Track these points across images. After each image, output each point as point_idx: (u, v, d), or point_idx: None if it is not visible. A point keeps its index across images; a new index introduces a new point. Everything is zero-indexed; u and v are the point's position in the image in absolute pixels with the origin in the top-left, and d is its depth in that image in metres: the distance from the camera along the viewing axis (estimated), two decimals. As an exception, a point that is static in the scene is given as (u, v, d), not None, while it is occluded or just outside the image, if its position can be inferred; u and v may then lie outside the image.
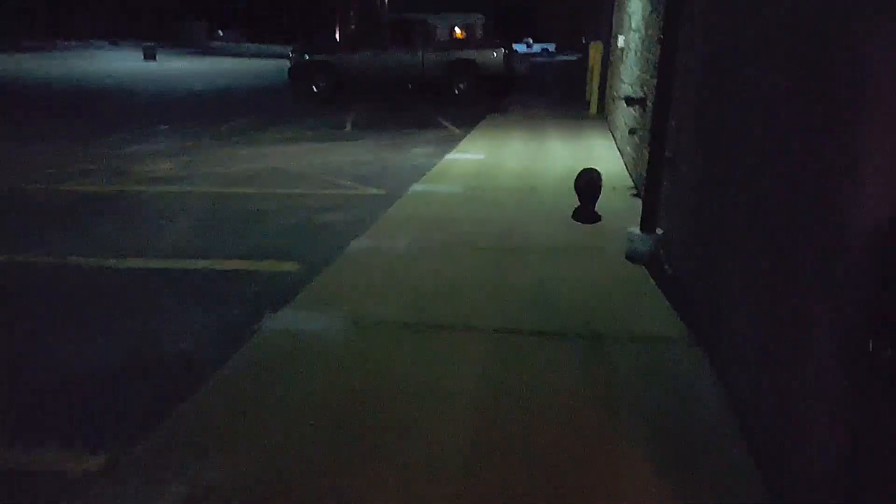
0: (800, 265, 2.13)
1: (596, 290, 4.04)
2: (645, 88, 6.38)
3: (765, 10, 2.70)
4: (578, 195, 5.78)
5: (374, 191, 7.01)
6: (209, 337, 3.57)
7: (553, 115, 13.52)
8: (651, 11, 6.46)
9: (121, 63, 30.90)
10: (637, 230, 4.58)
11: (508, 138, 10.24)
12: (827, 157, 1.97)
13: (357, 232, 5.33)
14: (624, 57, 9.08)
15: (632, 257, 4.54)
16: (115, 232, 5.48)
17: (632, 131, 6.84)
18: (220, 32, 69.49)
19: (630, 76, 7.97)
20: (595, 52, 13.23)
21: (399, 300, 3.83)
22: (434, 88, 17.50)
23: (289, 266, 4.64)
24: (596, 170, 5.86)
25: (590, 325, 3.53)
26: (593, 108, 13.09)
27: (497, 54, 17.64)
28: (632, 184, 6.86)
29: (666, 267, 4.40)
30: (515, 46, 24.74)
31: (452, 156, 8.70)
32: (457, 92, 17.39)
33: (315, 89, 17.48)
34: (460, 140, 10.11)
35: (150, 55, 32.84)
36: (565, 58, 51.30)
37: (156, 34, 48.87)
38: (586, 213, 5.69)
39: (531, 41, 62.93)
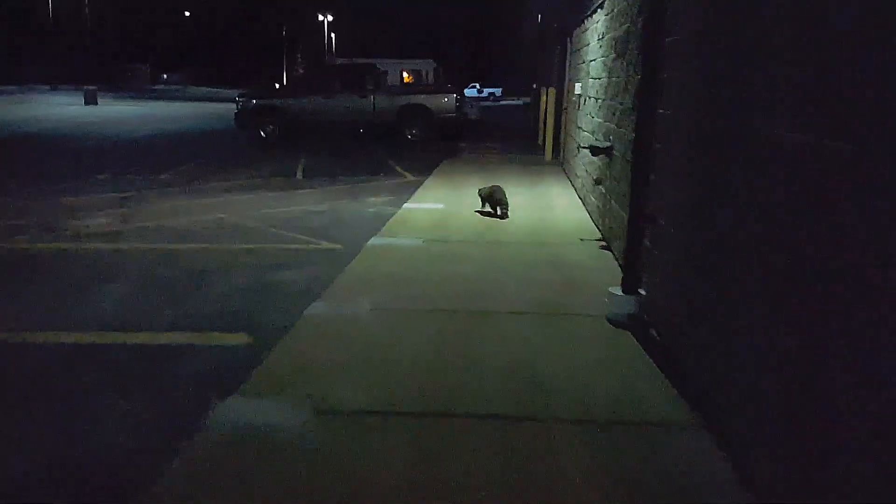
0: (830, 343, 1.81)
1: (579, 362, 3.69)
2: (611, 138, 6.16)
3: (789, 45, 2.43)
4: (487, 203, 7.81)
5: (330, 245, 6.59)
6: (145, 434, 3.07)
7: (508, 160, 13.35)
8: (615, 58, 6.28)
9: (60, 108, 29.91)
10: (618, 290, 4.26)
11: (466, 185, 9.95)
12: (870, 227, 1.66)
13: (313, 293, 4.89)
14: (582, 104, 8.93)
15: (614, 320, 4.22)
16: (41, 299, 4.91)
17: (598, 181, 6.60)
18: (164, 76, 68.56)
19: (591, 124, 7.79)
20: (548, 98, 13.16)
21: (364, 382, 3.40)
22: (386, 133, 17.25)
23: (239, 338, 4.16)
24: (500, 187, 7.83)
25: (578, 407, 3.16)
26: (548, 155, 12.97)
27: (449, 99, 17.56)
28: (599, 235, 6.59)
29: (652, 332, 4.08)
30: (466, 91, 24.83)
31: (410, 205, 8.36)
32: (409, 137, 17.19)
33: (263, 135, 17.05)
34: (416, 188, 9.79)
35: (90, 99, 31.92)
36: (511, 102, 52.07)
37: (98, 78, 47.78)
38: (495, 214, 7.67)
39: (479, 86, 63.72)
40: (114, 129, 20.50)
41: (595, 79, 7.76)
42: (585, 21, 9.05)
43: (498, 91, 65.21)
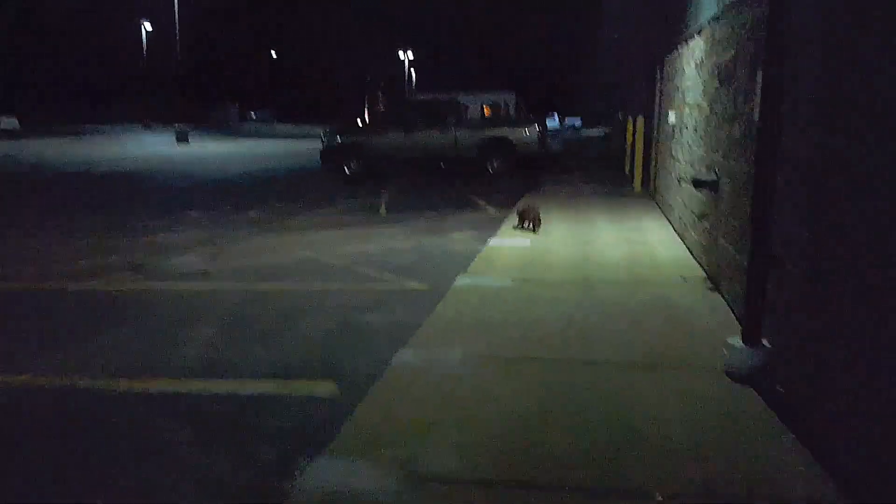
0: None
1: (697, 424, 3.28)
2: (717, 170, 5.74)
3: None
4: (523, 218, 8.72)
5: (415, 285, 6.38)
6: (226, 499, 2.86)
7: (594, 192, 12.93)
8: (719, 86, 5.88)
9: (153, 146, 31.32)
10: (737, 341, 3.84)
11: (552, 219, 9.60)
12: None
13: (401, 337, 4.66)
14: (677, 134, 8.50)
15: (734, 374, 3.79)
16: (127, 343, 4.86)
17: (701, 216, 6.16)
18: (253, 114, 71.19)
19: (689, 155, 7.35)
20: (636, 127, 12.73)
21: (456, 442, 3.10)
22: (467, 167, 17.12)
23: (325, 388, 3.95)
24: (533, 202, 9.35)
25: (700, 483, 2.76)
26: (637, 186, 12.50)
27: (530, 131, 17.32)
28: (704, 273, 6.13)
29: (780, 389, 3.64)
30: (548, 122, 24.55)
31: (496, 241, 8.07)
32: (490, 170, 17.00)
33: (347, 171, 17.22)
34: (501, 222, 9.50)
35: (182, 138, 33.31)
36: (591, 132, 51.39)
37: (188, 117, 50.00)
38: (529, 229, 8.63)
39: (558, 116, 63.16)
40: (204, 166, 21.19)
41: (692, 107, 7.34)
42: (679, 47, 8.65)
43: (578, 121, 64.50)
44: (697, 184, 5.95)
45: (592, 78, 49.79)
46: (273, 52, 78.14)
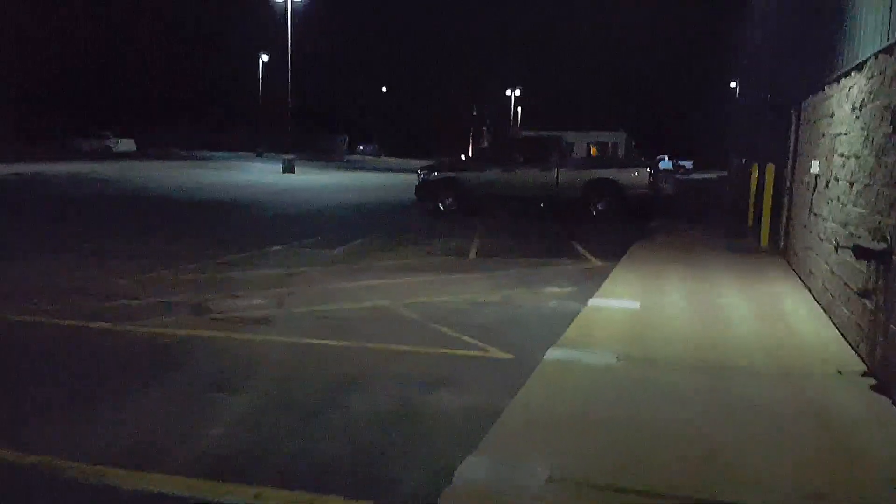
0: None
1: None
2: (888, 236, 4.49)
3: None
4: None
5: (498, 353, 5.40)
6: None
7: (712, 246, 11.52)
8: (892, 134, 4.65)
9: (259, 175, 31.85)
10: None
11: (665, 277, 8.41)
12: None
13: (471, 432, 3.72)
14: (821, 186, 7.18)
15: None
16: (147, 411, 4.12)
17: (863, 293, 4.89)
18: (360, 147, 72.50)
19: (842, 214, 6.05)
20: (765, 175, 11.31)
21: None
22: (569, 209, 16.01)
23: (365, 509, 3.02)
24: None
25: None
26: (763, 240, 11.05)
27: (640, 173, 16.05)
28: (863, 365, 4.84)
29: None
30: (660, 164, 23.12)
31: (597, 301, 6.97)
32: (594, 213, 15.83)
33: (441, 207, 16.50)
34: (604, 277, 8.37)
35: (288, 167, 33.73)
36: (703, 176, 48.96)
37: (300, 146, 51.23)
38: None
39: (667, 157, 60.88)
40: (304, 196, 21.04)
41: (847, 157, 6.06)
42: (826, 87, 7.37)
43: (689, 164, 62.01)
44: (860, 252, 4.70)
45: (707, 120, 47.56)
46: (384, 87, 79.71)
